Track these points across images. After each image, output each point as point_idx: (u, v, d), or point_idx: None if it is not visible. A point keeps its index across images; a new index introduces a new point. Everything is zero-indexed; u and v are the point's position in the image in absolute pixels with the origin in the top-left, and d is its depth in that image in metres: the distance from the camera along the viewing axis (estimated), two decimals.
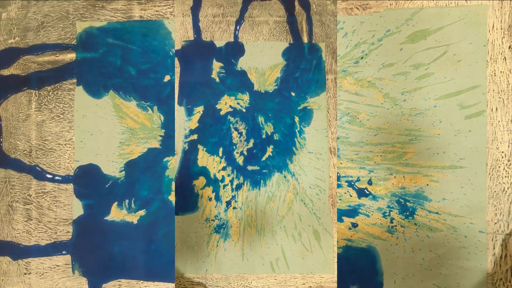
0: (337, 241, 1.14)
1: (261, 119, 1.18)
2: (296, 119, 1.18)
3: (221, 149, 1.18)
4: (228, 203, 1.18)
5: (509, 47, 1.06)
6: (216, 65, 1.20)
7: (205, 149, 1.19)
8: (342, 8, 1.15)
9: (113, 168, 1.18)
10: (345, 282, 1.13)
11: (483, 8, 1.07)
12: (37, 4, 1.20)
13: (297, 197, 1.17)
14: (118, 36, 1.19)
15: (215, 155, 1.18)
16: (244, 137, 1.19)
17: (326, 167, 1.17)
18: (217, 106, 1.19)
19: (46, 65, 1.19)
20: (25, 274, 1.18)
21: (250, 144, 1.18)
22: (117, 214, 1.17)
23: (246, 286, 1.16)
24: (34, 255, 1.18)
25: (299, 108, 1.18)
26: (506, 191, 1.06)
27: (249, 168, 1.18)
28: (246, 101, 1.19)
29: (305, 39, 1.19)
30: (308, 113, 1.18)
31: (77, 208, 1.18)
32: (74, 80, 1.19)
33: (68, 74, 1.19)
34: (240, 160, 1.18)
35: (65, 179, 1.18)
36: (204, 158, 1.18)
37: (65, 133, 1.19)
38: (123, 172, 1.18)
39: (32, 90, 1.19)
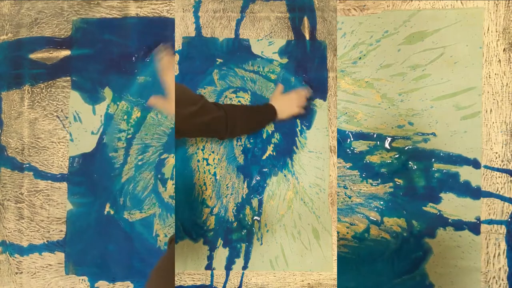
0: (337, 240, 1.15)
1: None
2: (297, 118, 1.19)
3: (221, 148, 1.18)
4: (228, 202, 1.18)
5: (504, 49, 1.08)
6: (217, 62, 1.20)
7: (205, 147, 1.18)
8: (339, 9, 1.16)
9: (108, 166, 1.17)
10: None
11: (479, 11, 1.09)
12: (31, 1, 1.19)
13: (297, 196, 1.17)
14: (115, 32, 1.18)
15: (215, 154, 1.18)
16: (245, 136, 1.19)
17: (326, 166, 1.17)
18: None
19: (39, 62, 1.18)
20: (16, 273, 1.16)
21: (251, 143, 1.19)
22: (112, 212, 1.16)
23: (246, 282, 1.16)
24: (26, 253, 1.16)
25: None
26: (499, 191, 1.08)
27: (250, 167, 1.18)
28: (247, 99, 1.19)
29: (307, 36, 1.19)
30: (309, 111, 1.18)
31: (70, 207, 1.16)
32: (69, 77, 1.18)
33: (62, 71, 1.18)
34: (240, 158, 1.18)
35: (59, 177, 1.17)
36: (204, 156, 1.18)
37: (58, 131, 1.18)
38: (119, 170, 1.17)
39: (24, 87, 1.17)
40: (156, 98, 1.11)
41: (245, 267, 1.16)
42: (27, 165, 1.17)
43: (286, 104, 1.14)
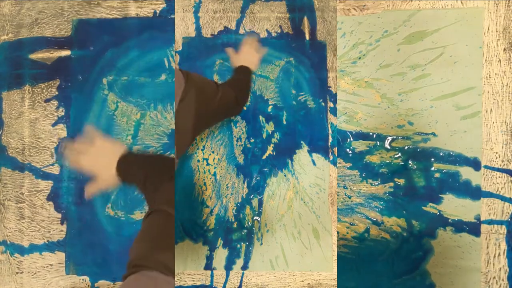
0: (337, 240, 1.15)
1: (262, 118, 1.19)
2: (297, 117, 1.18)
3: (221, 148, 1.18)
4: (228, 202, 1.18)
5: (504, 49, 1.08)
6: (217, 62, 1.20)
7: (205, 147, 1.19)
8: (339, 9, 1.16)
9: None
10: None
11: (479, 11, 1.09)
12: (31, 1, 1.19)
13: (297, 196, 1.17)
14: (115, 33, 1.19)
15: (215, 154, 1.18)
16: (245, 135, 1.19)
17: (326, 166, 1.17)
18: None
19: (39, 62, 1.18)
20: (17, 273, 1.17)
21: (251, 143, 1.19)
22: (112, 212, 1.16)
23: (246, 282, 1.16)
24: (26, 253, 1.17)
25: (299, 106, 1.19)
26: (499, 191, 1.07)
27: (250, 167, 1.18)
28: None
29: (307, 36, 1.19)
30: (309, 111, 1.18)
31: (71, 207, 1.17)
32: (69, 78, 1.18)
33: (62, 71, 1.18)
34: (240, 158, 1.18)
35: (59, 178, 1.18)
36: (204, 156, 1.19)
37: (59, 131, 1.18)
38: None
39: (25, 87, 1.18)
40: (90, 187, 0.90)
41: (245, 267, 1.16)
42: (28, 165, 1.17)
43: (247, 57, 1.16)
